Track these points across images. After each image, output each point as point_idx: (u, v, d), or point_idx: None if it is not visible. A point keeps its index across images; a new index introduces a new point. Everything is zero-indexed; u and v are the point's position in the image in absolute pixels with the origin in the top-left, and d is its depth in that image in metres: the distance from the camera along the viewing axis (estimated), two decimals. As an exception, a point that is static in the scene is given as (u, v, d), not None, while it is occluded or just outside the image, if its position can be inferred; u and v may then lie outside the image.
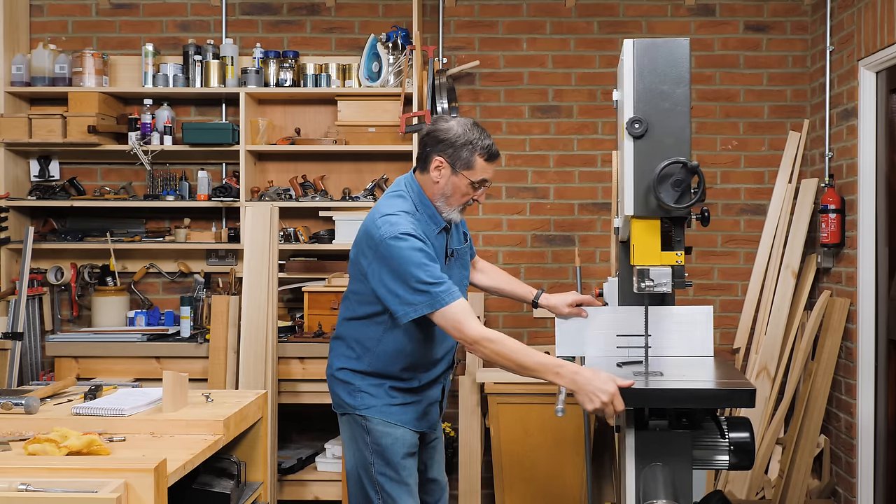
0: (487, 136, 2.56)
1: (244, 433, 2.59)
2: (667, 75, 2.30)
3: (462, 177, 2.53)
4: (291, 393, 3.95)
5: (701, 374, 2.47)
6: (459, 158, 2.52)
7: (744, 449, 2.34)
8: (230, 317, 3.87)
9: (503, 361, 2.36)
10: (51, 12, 4.56)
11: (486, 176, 2.57)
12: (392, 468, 2.62)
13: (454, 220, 2.63)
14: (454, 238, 2.73)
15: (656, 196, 2.26)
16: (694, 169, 2.24)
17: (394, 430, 2.61)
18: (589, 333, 2.71)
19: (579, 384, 2.25)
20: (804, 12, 4.47)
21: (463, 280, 2.78)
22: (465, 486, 4.08)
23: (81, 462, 1.92)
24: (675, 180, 2.25)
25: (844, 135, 4.02)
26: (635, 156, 2.32)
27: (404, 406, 2.64)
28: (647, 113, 2.31)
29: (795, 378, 4.17)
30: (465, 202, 2.59)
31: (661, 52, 2.31)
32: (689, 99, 2.29)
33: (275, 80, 4.35)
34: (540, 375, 2.34)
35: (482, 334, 2.36)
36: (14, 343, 3.94)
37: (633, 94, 2.32)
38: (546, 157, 4.53)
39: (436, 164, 2.54)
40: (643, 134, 2.30)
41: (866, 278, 3.83)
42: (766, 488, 4.15)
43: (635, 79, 2.32)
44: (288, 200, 4.32)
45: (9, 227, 4.29)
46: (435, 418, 2.77)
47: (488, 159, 2.54)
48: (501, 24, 4.53)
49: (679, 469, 2.28)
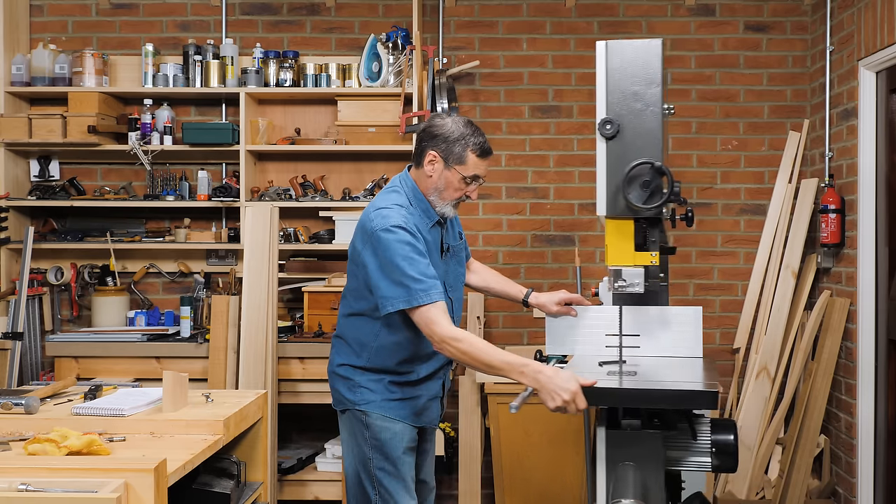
0: (481, 134, 2.62)
1: (244, 433, 2.60)
2: (638, 76, 2.32)
3: (454, 171, 2.59)
4: (291, 393, 3.95)
5: (676, 374, 2.45)
6: (452, 153, 2.58)
7: (725, 451, 2.32)
8: (230, 317, 3.87)
9: (470, 360, 2.41)
10: (51, 12, 4.56)
11: (478, 172, 2.62)
12: (391, 463, 2.64)
13: (447, 215, 2.68)
14: (450, 234, 2.77)
15: (625, 197, 2.28)
16: (660, 169, 2.25)
17: (393, 424, 2.65)
18: (578, 332, 2.72)
19: (542, 383, 2.30)
20: (804, 12, 4.47)
21: (459, 277, 2.81)
22: (465, 486, 4.07)
23: (81, 462, 1.92)
24: (643, 181, 2.27)
25: (844, 135, 4.02)
26: (608, 156, 2.35)
27: (403, 401, 2.66)
28: (619, 114, 2.33)
29: (795, 378, 4.17)
30: (458, 198, 2.64)
31: (633, 54, 2.33)
32: (661, 99, 2.29)
33: (275, 80, 4.35)
34: (505, 374, 2.39)
35: (450, 334, 2.41)
36: (14, 343, 3.94)
37: (606, 95, 2.34)
38: (546, 157, 4.53)
39: (429, 159, 2.60)
40: (615, 135, 2.33)
41: (866, 278, 3.83)
42: (766, 488, 4.15)
43: (607, 80, 2.34)
44: (288, 200, 4.32)
45: (9, 227, 4.29)
46: (435, 414, 2.77)
47: (480, 155, 2.60)
48: (501, 24, 4.53)
49: (649, 469, 2.27)
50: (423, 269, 2.46)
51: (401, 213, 2.55)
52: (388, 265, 2.47)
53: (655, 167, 2.26)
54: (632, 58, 2.32)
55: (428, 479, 2.91)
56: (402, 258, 2.45)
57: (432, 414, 2.76)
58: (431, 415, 2.75)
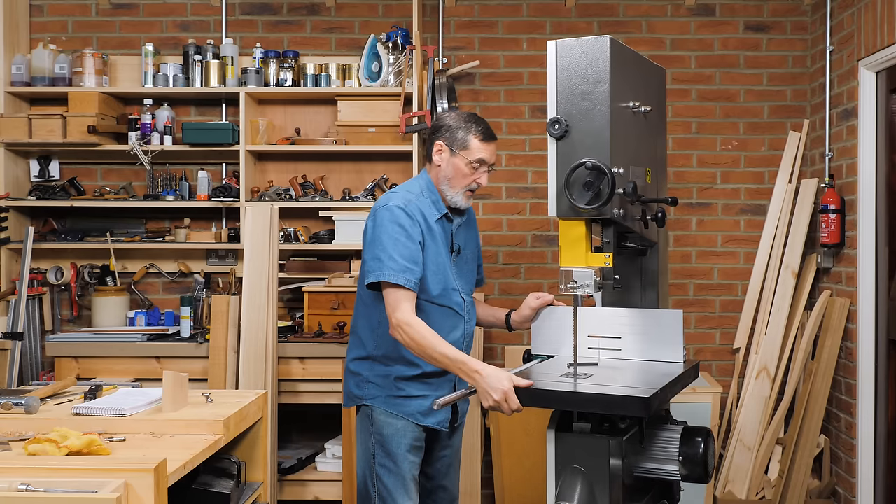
0: (483, 121, 2.73)
1: (244, 433, 2.59)
2: (586, 74, 2.30)
3: (460, 157, 2.68)
4: (291, 393, 3.95)
5: (631, 379, 2.40)
6: (456, 140, 2.68)
7: (692, 460, 2.26)
8: (230, 317, 3.87)
9: (416, 348, 2.50)
10: (51, 12, 4.56)
11: (483, 156, 2.69)
12: (391, 459, 2.67)
13: (460, 205, 2.73)
14: (463, 237, 2.80)
15: (568, 198, 2.27)
16: (601, 169, 2.23)
17: (396, 420, 2.68)
18: (564, 333, 2.69)
19: (477, 382, 2.39)
20: (804, 12, 4.47)
21: (467, 286, 2.82)
22: (465, 486, 4.08)
23: (81, 462, 1.92)
24: (586, 181, 2.24)
25: (844, 135, 4.02)
26: (558, 157, 2.34)
27: (409, 398, 2.69)
28: (568, 113, 2.31)
29: (795, 378, 4.17)
30: (468, 185, 2.70)
31: (581, 52, 2.31)
32: (609, 98, 2.26)
33: (275, 80, 4.35)
34: (447, 368, 2.49)
35: (405, 318, 2.50)
36: (14, 343, 3.94)
37: (556, 94, 2.33)
38: (546, 157, 4.51)
39: (437, 149, 2.72)
40: (563, 135, 2.32)
41: (866, 278, 3.83)
42: (766, 488, 4.15)
43: (557, 79, 2.33)
44: (288, 200, 4.32)
45: (9, 227, 4.29)
46: (444, 417, 2.75)
47: (483, 139, 2.68)
48: (501, 24, 4.53)
49: (596, 475, 2.24)
50: (405, 253, 2.55)
51: (406, 197, 2.65)
52: (375, 240, 2.59)
53: (593, 166, 2.23)
54: (579, 57, 2.30)
55: (450, 485, 2.90)
56: (389, 237, 2.56)
57: (440, 415, 2.74)
58: (439, 416, 2.74)
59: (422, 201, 2.68)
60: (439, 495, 2.88)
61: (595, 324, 2.64)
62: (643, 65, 2.60)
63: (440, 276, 2.67)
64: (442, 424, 2.76)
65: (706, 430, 2.34)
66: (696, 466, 2.26)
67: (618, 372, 2.48)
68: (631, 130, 2.43)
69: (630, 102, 2.39)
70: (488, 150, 2.70)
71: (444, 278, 2.68)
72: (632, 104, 2.40)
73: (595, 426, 2.29)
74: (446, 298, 2.69)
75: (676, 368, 2.48)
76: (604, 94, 2.28)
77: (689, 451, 2.27)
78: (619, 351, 2.60)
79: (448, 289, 2.69)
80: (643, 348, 2.58)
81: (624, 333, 2.60)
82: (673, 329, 2.54)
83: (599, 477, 2.24)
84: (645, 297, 2.71)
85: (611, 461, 2.23)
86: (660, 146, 2.71)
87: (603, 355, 2.62)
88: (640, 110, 2.44)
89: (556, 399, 2.28)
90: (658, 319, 2.56)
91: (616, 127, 2.31)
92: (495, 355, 4.50)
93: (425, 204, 2.68)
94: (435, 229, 2.68)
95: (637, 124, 2.47)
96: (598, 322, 2.64)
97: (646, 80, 2.57)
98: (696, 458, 2.27)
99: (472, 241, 2.88)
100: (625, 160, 2.36)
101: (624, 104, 2.37)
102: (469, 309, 2.78)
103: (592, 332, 2.63)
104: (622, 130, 2.36)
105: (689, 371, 2.50)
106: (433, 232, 2.66)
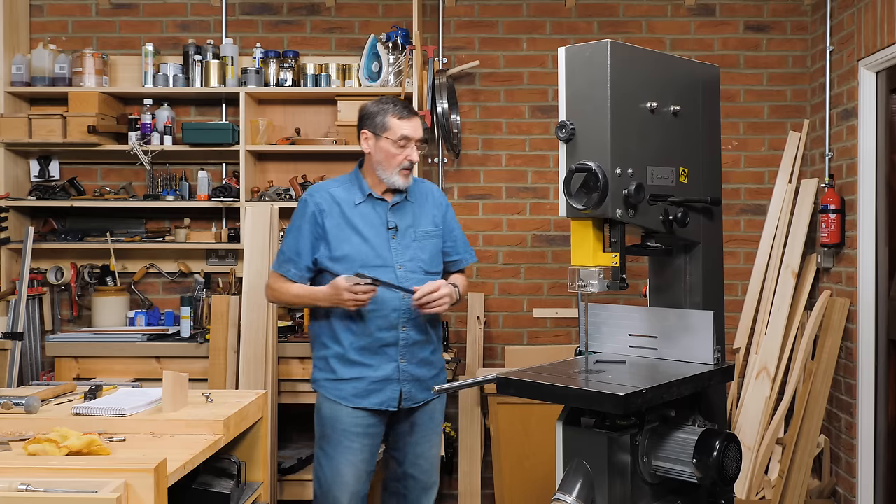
0: (400, 101, 2.90)
1: (244, 433, 2.59)
2: (590, 78, 2.31)
3: (385, 139, 2.84)
4: (291, 393, 3.95)
5: (631, 378, 2.40)
6: (377, 125, 2.86)
7: (704, 465, 2.24)
8: (230, 317, 3.87)
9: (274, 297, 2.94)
10: (51, 12, 4.56)
11: (406, 132, 2.84)
12: (326, 441, 2.81)
13: (399, 185, 2.86)
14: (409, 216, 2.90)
15: (567, 199, 2.31)
16: (585, 168, 2.25)
17: (331, 404, 2.82)
18: (610, 330, 2.75)
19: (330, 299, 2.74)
20: (804, 12, 4.47)
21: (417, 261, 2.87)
22: (465, 486, 4.08)
23: (81, 462, 1.92)
24: (583, 182, 2.27)
25: (844, 135, 4.02)
26: (566, 159, 2.36)
27: (343, 381, 2.81)
28: (575, 117, 2.34)
29: (795, 378, 4.17)
30: (400, 164, 2.85)
31: (585, 56, 2.33)
32: (609, 100, 2.27)
33: (275, 80, 4.35)
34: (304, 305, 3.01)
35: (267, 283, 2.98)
36: (14, 343, 3.94)
37: (565, 99, 2.36)
38: (546, 157, 4.53)
39: (364, 138, 2.89)
40: (570, 138, 2.33)
41: (866, 278, 3.83)
42: (766, 488, 4.15)
43: (566, 84, 2.36)
44: (288, 200, 4.32)
45: (9, 227, 4.29)
46: (388, 397, 2.80)
47: (401, 117, 2.84)
48: (501, 24, 4.53)
49: (596, 469, 2.28)
50: (290, 243, 2.86)
51: (323, 186, 2.92)
52: None
53: (584, 169, 2.26)
54: (585, 61, 2.33)
55: (419, 474, 2.92)
56: (289, 229, 2.90)
57: (384, 396, 2.80)
58: (383, 397, 2.80)
59: (343, 188, 2.89)
60: (409, 483, 2.89)
61: (636, 323, 2.67)
62: (670, 65, 2.53)
63: (365, 250, 2.81)
64: (389, 405, 2.81)
65: (729, 434, 2.31)
66: (709, 470, 2.24)
67: (632, 370, 2.50)
68: (650, 131, 2.42)
69: (648, 103, 2.39)
70: (409, 126, 2.84)
71: (372, 254, 2.80)
72: (649, 105, 2.39)
73: (600, 422, 2.30)
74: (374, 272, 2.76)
75: (694, 369, 2.46)
76: (603, 97, 2.29)
77: (703, 454, 2.27)
78: (655, 350, 2.61)
79: (383, 264, 2.80)
80: (676, 348, 2.60)
81: (659, 333, 2.62)
82: (703, 329, 2.53)
83: (600, 472, 2.27)
84: (690, 298, 2.68)
85: (610, 457, 2.25)
86: (706, 145, 2.64)
87: (641, 354, 2.64)
88: (667, 110, 2.43)
89: (548, 393, 2.33)
90: (687, 320, 2.57)
91: (622, 128, 2.31)
92: (495, 355, 4.50)
93: (346, 190, 2.89)
94: (361, 211, 2.85)
95: (660, 124, 2.43)
96: (639, 321, 2.66)
97: (672, 80, 2.52)
98: (709, 462, 2.24)
99: (427, 219, 2.94)
100: (637, 161, 2.35)
101: (640, 105, 2.37)
102: (411, 282, 2.81)
103: (634, 330, 2.66)
104: (634, 131, 2.35)
105: (710, 374, 2.46)
106: (356, 214, 2.84)
